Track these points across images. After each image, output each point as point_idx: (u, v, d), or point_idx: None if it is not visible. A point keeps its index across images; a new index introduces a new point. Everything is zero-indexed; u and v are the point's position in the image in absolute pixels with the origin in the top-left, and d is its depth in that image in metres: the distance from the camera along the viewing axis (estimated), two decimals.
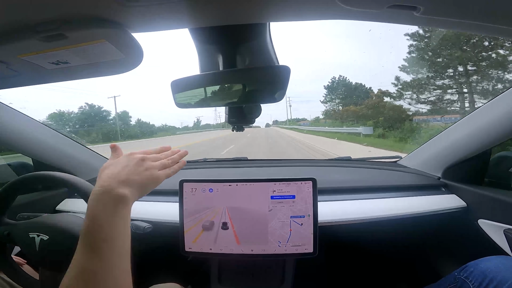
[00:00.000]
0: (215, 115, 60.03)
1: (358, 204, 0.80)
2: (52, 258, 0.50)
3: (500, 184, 0.79)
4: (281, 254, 0.72)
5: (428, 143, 0.96)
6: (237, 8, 0.36)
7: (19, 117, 0.84)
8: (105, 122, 29.35)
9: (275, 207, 0.71)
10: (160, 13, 0.35)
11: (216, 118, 62.59)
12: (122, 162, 0.41)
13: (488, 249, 0.71)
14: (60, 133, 0.98)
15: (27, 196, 0.88)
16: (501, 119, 0.66)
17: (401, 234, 0.93)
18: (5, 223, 0.55)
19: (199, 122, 61.62)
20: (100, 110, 29.50)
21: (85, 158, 1.07)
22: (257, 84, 0.51)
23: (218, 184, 0.72)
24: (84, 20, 0.35)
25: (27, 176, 0.53)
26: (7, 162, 1.01)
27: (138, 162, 0.42)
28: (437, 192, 0.85)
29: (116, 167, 0.40)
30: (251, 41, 0.52)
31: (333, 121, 22.68)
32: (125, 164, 0.41)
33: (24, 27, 0.35)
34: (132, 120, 35.56)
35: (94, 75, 0.53)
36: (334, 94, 27.64)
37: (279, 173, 1.07)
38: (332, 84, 28.28)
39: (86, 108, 28.74)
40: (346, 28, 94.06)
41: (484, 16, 0.35)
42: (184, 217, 0.72)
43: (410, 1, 0.32)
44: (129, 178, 0.40)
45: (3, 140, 0.80)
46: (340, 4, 0.33)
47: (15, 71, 0.46)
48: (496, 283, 0.51)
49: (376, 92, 19.10)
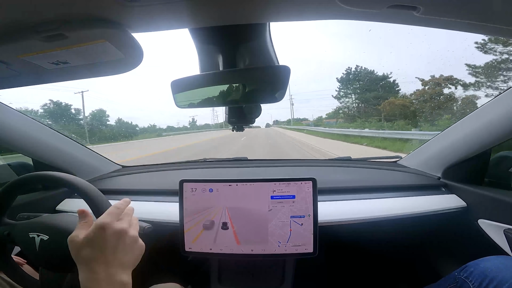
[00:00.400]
0: (213, 115, 57.73)
1: (358, 204, 0.80)
2: (52, 258, 0.50)
3: (500, 184, 0.79)
4: (281, 254, 0.72)
5: (428, 143, 0.96)
6: (237, 8, 0.36)
7: (19, 117, 0.84)
8: (74, 122, 25.14)
9: (275, 207, 0.71)
10: (160, 13, 0.35)
11: (214, 118, 59.80)
12: (108, 241, 0.37)
13: (488, 249, 0.71)
14: (60, 133, 0.98)
15: (27, 196, 0.88)
16: (501, 119, 0.66)
17: (401, 234, 0.93)
18: (5, 223, 0.55)
19: (195, 122, 56.73)
20: (68, 108, 25.42)
21: (85, 158, 1.07)
22: (257, 84, 0.51)
23: (218, 184, 0.72)
24: (84, 20, 0.35)
25: (27, 176, 0.53)
26: (7, 162, 1.01)
27: (124, 237, 0.38)
28: (437, 192, 0.85)
29: (104, 249, 0.36)
30: (251, 41, 0.52)
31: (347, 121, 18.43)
32: (113, 244, 0.37)
33: (24, 27, 0.35)
34: (111, 120, 31.12)
35: (94, 75, 0.53)
36: (350, 88, 21.73)
37: (279, 173, 1.07)
38: (347, 75, 22.32)
39: (50, 106, 24.44)
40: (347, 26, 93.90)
41: (484, 16, 0.35)
42: (184, 217, 0.73)
43: (410, 1, 0.32)
44: (123, 261, 0.37)
45: (3, 140, 0.80)
46: (340, 4, 0.33)
47: (15, 71, 0.46)
48: (496, 283, 0.51)
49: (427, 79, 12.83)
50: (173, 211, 0.76)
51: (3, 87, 0.56)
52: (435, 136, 0.93)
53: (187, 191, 0.73)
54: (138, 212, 0.80)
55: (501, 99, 0.67)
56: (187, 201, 0.73)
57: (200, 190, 0.72)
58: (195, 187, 0.73)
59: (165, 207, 0.84)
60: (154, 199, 0.89)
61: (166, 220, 0.78)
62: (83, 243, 0.37)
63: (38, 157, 0.91)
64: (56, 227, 0.51)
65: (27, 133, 0.85)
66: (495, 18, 0.35)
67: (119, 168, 1.22)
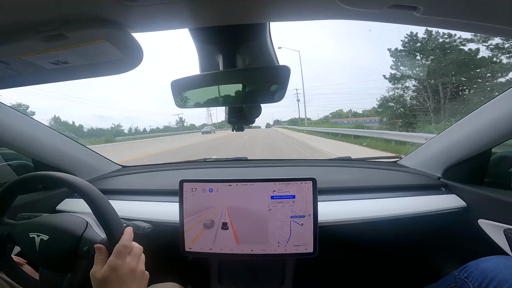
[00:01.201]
0: (207, 115, 54.47)
1: (358, 204, 0.80)
2: (52, 258, 0.50)
3: (500, 184, 0.79)
4: (281, 254, 0.72)
5: (428, 143, 0.96)
6: (237, 8, 0.36)
7: (19, 117, 0.84)
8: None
9: (275, 207, 0.71)
10: (160, 13, 0.36)
11: (207, 118, 55.68)
12: (120, 279, 0.44)
13: (488, 249, 0.71)
14: (60, 133, 0.98)
15: (27, 196, 0.87)
16: (501, 119, 0.66)
17: (401, 234, 0.93)
18: (5, 223, 0.55)
19: (183, 121, 46.45)
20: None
21: (85, 158, 1.07)
22: (257, 84, 0.51)
23: (218, 184, 0.72)
24: (84, 20, 0.35)
25: (27, 176, 0.53)
26: (7, 162, 1.01)
27: (134, 274, 0.45)
28: (437, 192, 0.85)
29: (118, 286, 0.43)
30: (251, 41, 0.52)
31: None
32: (125, 281, 0.44)
33: (24, 27, 0.35)
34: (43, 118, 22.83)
35: (94, 75, 0.53)
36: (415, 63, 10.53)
37: (279, 173, 1.07)
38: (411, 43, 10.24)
39: None
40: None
41: (484, 16, 0.35)
42: (184, 217, 0.73)
43: (410, 1, 0.32)
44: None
45: (3, 140, 0.80)
46: (340, 4, 0.33)
47: (15, 71, 0.46)
48: (496, 283, 0.51)
49: None
50: (173, 211, 0.76)
51: (3, 87, 0.56)
52: (435, 136, 0.93)
53: (187, 191, 0.73)
54: (138, 212, 0.81)
55: (501, 99, 0.67)
56: (187, 201, 0.73)
57: (200, 190, 0.72)
58: (195, 187, 0.73)
59: (165, 207, 0.84)
60: (154, 199, 0.89)
61: (166, 220, 0.78)
62: (101, 281, 0.43)
63: (38, 157, 0.91)
64: (56, 227, 0.51)
65: (27, 133, 0.85)
66: (495, 18, 0.35)
67: (119, 168, 1.22)
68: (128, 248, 0.47)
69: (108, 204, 0.50)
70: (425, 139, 1.04)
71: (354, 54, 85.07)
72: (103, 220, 0.48)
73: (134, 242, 0.50)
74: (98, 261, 0.45)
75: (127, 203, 0.88)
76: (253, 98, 0.53)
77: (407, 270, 1.07)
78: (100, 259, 0.46)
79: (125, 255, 0.46)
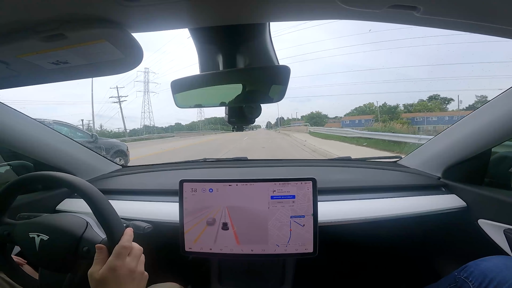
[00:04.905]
0: (197, 115, 53.00)
1: (358, 204, 0.80)
2: (52, 258, 0.50)
3: (500, 184, 0.79)
4: (281, 254, 0.71)
5: (428, 143, 0.96)
6: (237, 8, 0.36)
7: (19, 117, 0.84)
8: None
9: (275, 207, 0.71)
10: (160, 13, 0.35)
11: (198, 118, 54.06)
12: (119, 279, 0.44)
13: (488, 249, 0.71)
14: (60, 133, 0.98)
15: (27, 196, 0.87)
16: (501, 119, 0.66)
17: (401, 234, 0.93)
18: (5, 223, 0.55)
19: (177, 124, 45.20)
20: None
21: (85, 158, 1.07)
22: (257, 84, 0.51)
23: (218, 184, 0.72)
24: (84, 20, 0.35)
25: (27, 176, 0.53)
26: (7, 162, 1.01)
27: (133, 275, 0.45)
28: (437, 192, 0.85)
29: (117, 286, 0.43)
30: (251, 41, 0.52)
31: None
32: (124, 281, 0.44)
33: (24, 27, 0.35)
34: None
35: (94, 75, 0.53)
36: None
37: (279, 173, 1.07)
38: None
39: None
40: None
41: (484, 16, 0.35)
42: (184, 217, 0.72)
43: (410, 1, 0.32)
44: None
45: (3, 140, 0.80)
46: (340, 4, 0.33)
47: (15, 71, 0.46)
48: (496, 283, 0.51)
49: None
50: (173, 211, 0.76)
51: (3, 87, 0.56)
52: (435, 136, 0.93)
53: (187, 191, 0.73)
54: (138, 212, 0.81)
55: (501, 99, 0.67)
56: (187, 201, 0.73)
57: (200, 190, 0.72)
58: (195, 187, 0.73)
59: (165, 207, 0.84)
60: (154, 199, 0.89)
61: (166, 220, 0.78)
62: (99, 281, 0.43)
63: (38, 157, 0.91)
64: (56, 227, 0.51)
65: (27, 133, 0.85)
66: (495, 18, 0.35)
67: (119, 168, 1.22)
68: (128, 249, 0.47)
69: (108, 204, 0.50)
70: None
71: None
72: (103, 220, 0.48)
73: (134, 242, 0.50)
74: (98, 261, 0.45)
75: (127, 203, 0.88)
76: (253, 98, 0.53)
77: (407, 270, 1.08)
78: (100, 259, 0.46)
79: (125, 255, 0.46)
